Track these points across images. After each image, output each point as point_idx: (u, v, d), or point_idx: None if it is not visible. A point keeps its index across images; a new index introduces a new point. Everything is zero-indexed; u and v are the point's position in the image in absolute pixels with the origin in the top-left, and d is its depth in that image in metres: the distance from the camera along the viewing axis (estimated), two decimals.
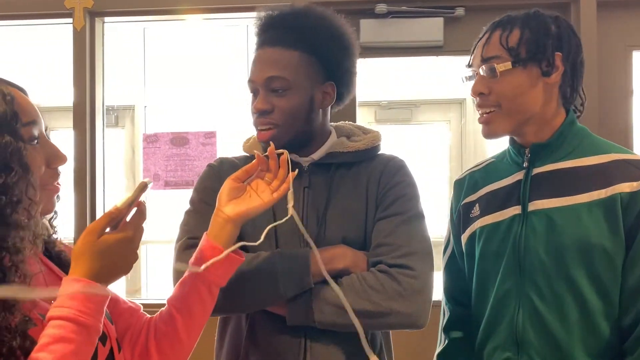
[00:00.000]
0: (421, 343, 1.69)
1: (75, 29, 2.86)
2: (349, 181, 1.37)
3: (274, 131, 1.31)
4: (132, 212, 1.00)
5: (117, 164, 4.17)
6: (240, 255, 1.19)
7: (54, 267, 1.09)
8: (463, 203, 1.46)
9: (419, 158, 4.50)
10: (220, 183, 1.23)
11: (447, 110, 4.79)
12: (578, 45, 1.36)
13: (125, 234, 0.97)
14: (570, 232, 1.26)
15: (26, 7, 2.90)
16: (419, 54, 2.87)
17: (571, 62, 1.34)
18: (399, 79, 4.24)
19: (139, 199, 0.99)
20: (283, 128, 1.31)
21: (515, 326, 1.31)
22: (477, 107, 1.38)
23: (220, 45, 3.80)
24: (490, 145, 1.48)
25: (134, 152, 4.24)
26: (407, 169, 1.40)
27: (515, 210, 1.34)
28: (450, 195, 1.54)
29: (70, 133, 2.87)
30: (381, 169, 1.38)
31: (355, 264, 1.29)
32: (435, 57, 3.01)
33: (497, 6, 2.61)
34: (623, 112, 2.77)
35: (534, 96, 1.32)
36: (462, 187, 1.49)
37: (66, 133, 2.94)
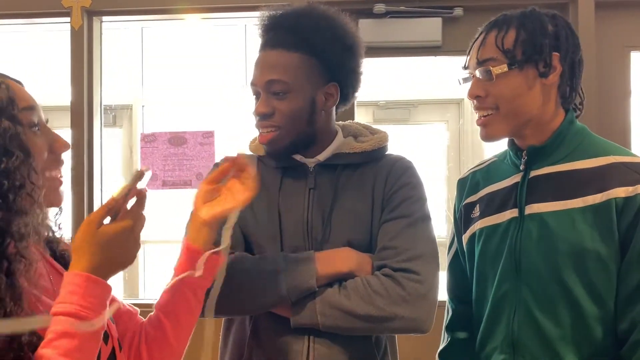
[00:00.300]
0: (427, 343, 1.69)
1: (72, 28, 2.85)
2: (355, 182, 1.36)
3: (275, 134, 1.31)
4: (132, 201, 0.99)
5: (114, 163, 4.15)
6: (220, 255, 1.16)
7: (57, 265, 1.09)
8: (464, 203, 1.46)
9: (417, 158, 4.48)
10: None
11: (445, 110, 4.78)
12: (576, 44, 1.33)
13: (125, 223, 0.96)
14: (564, 237, 1.25)
15: (24, 6, 2.89)
16: (417, 54, 2.86)
17: (569, 61, 1.31)
18: (397, 79, 4.23)
19: (136, 188, 0.98)
20: (284, 130, 1.31)
21: (511, 329, 1.30)
22: (474, 110, 1.36)
23: (218, 45, 3.80)
24: (488, 145, 1.47)
25: (131, 151, 4.22)
26: (413, 170, 1.39)
27: (512, 213, 1.33)
28: (447, 195, 1.54)
29: (67, 132, 2.86)
30: (388, 170, 1.37)
31: (360, 267, 1.28)
32: (433, 57, 3.01)
33: (495, 6, 2.60)
34: (621, 112, 2.77)
35: (532, 98, 1.30)
36: (465, 186, 1.48)
37: (64, 132, 2.92)
